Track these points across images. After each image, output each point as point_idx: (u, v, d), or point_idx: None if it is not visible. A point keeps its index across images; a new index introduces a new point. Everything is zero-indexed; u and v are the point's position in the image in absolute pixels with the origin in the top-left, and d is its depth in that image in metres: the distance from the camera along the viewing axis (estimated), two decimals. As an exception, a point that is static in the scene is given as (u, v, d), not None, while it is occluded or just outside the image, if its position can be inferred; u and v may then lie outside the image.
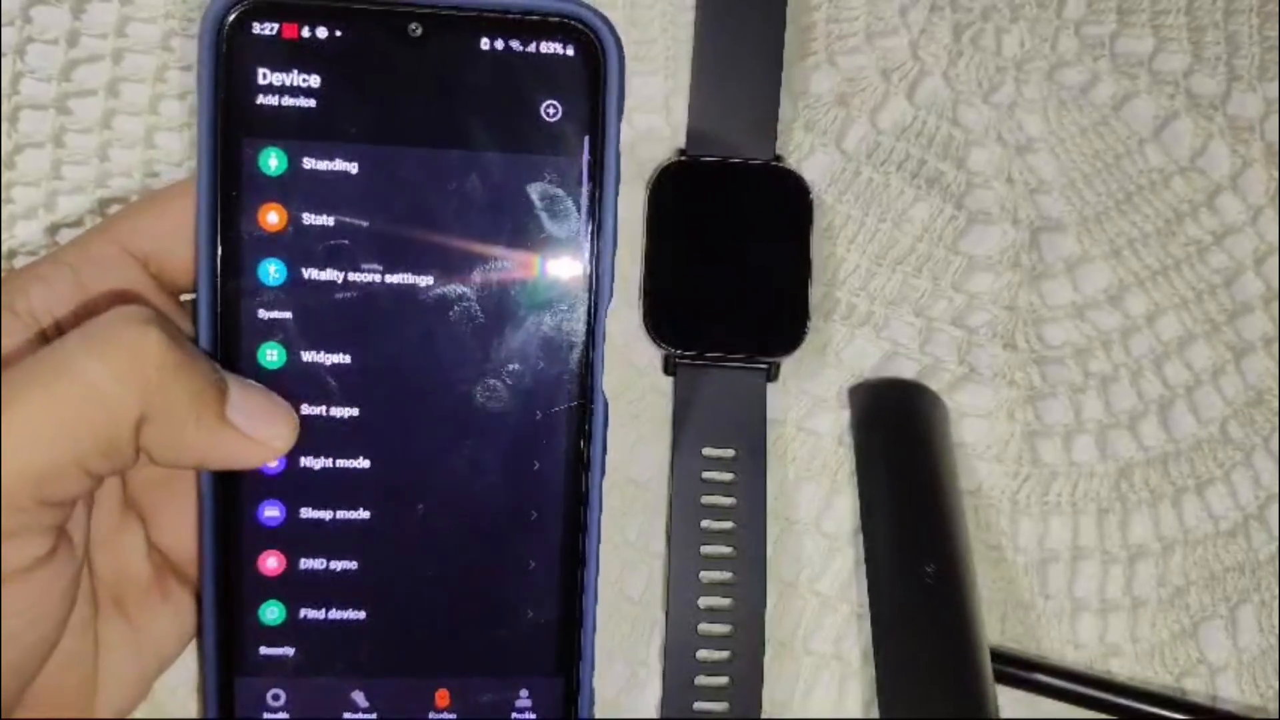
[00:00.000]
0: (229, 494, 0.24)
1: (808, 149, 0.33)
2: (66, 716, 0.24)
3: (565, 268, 0.24)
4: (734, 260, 0.31)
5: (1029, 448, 0.32)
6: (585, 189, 0.24)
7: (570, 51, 0.24)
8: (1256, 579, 0.32)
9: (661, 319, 0.31)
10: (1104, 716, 0.31)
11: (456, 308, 0.24)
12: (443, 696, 0.25)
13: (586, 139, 0.24)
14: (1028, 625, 0.32)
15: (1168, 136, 0.34)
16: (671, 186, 0.31)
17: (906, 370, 0.32)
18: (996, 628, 0.32)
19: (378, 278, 0.24)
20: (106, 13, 0.31)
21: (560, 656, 0.26)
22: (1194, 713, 0.31)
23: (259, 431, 0.22)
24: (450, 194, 0.24)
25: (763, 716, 0.30)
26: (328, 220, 0.23)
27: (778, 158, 0.32)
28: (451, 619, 0.25)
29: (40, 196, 0.31)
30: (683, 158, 0.32)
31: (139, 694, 0.25)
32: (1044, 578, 0.32)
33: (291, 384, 0.24)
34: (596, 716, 0.31)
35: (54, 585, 0.21)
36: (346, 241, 0.24)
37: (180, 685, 0.30)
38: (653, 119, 0.33)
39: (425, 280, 0.24)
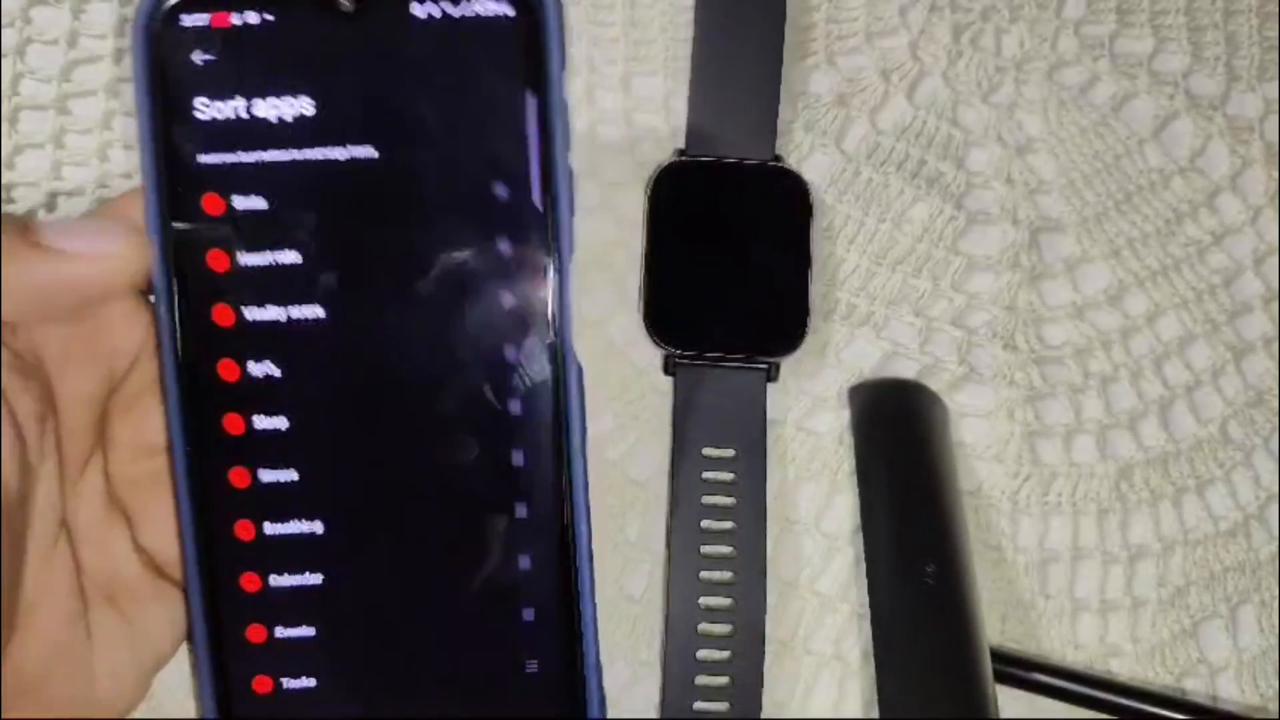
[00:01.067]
0: (206, 507, 0.24)
1: (807, 149, 0.33)
2: (67, 714, 0.24)
3: (521, 228, 0.23)
4: (734, 260, 0.31)
5: (1029, 448, 0.32)
6: (535, 147, 0.23)
7: (508, 11, 0.23)
8: (1257, 579, 0.32)
9: (661, 319, 0.31)
10: (1104, 717, 0.31)
11: (409, 283, 0.23)
12: (434, 702, 0.25)
13: (533, 100, 0.23)
14: (1028, 625, 0.32)
15: (1167, 137, 0.34)
16: (671, 187, 0.31)
17: (906, 370, 0.32)
18: (997, 628, 0.32)
19: (327, 258, 0.23)
20: (106, 13, 0.31)
21: (558, 655, 0.25)
22: (1194, 713, 0.31)
23: (86, 245, 0.21)
24: (395, 169, 0.23)
25: (763, 717, 0.30)
26: (274, 205, 0.23)
27: (777, 158, 0.32)
28: (435, 620, 0.25)
29: (40, 197, 0.31)
30: (682, 158, 0.32)
31: (139, 689, 0.25)
32: (1044, 578, 0.32)
33: (249, 387, 0.23)
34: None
35: None
36: (293, 225, 0.23)
37: (180, 686, 0.30)
38: (652, 119, 0.33)
39: (374, 258, 0.23)
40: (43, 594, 0.23)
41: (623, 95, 0.33)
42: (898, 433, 0.31)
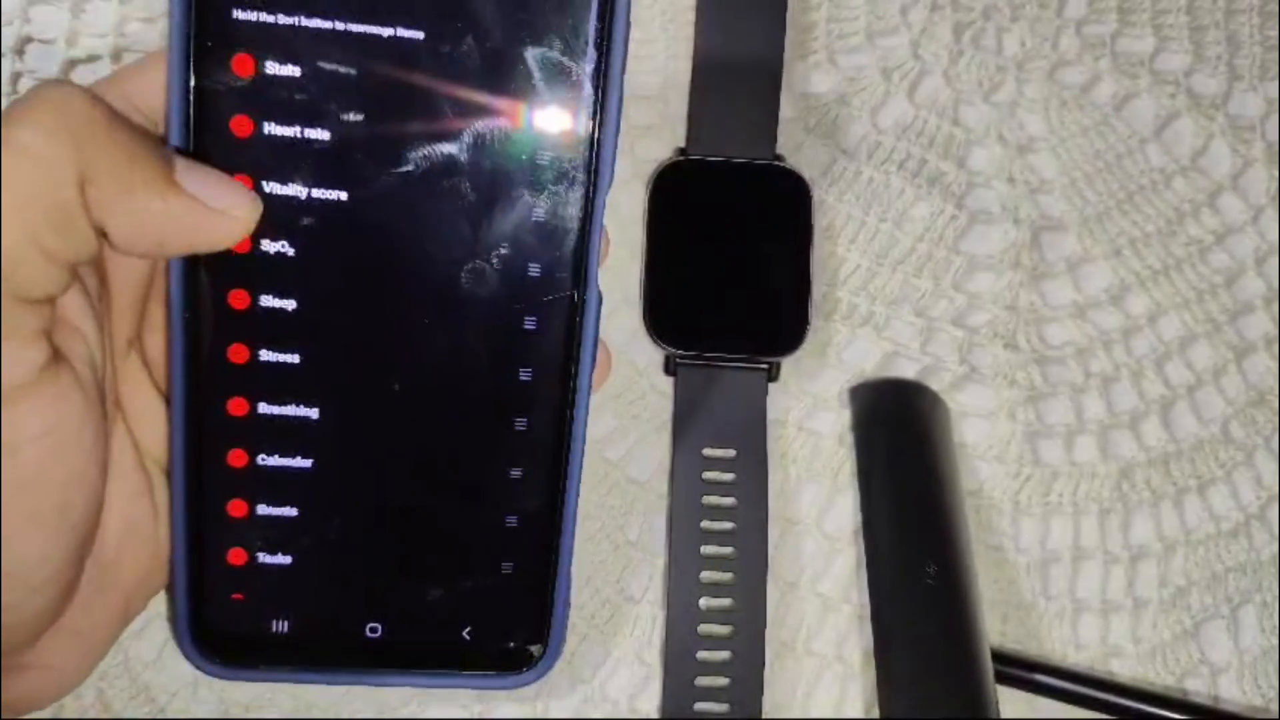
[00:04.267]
0: (198, 383, 0.23)
1: (808, 149, 0.33)
2: (137, 597, 0.24)
3: (564, 143, 0.23)
4: (734, 260, 0.31)
5: (1030, 448, 0.32)
6: (590, 58, 0.22)
7: None
8: (1258, 579, 0.32)
9: (662, 319, 0.31)
10: (1105, 717, 0.31)
11: (444, 182, 0.23)
12: (405, 594, 0.25)
13: (595, 14, 0.22)
14: (1029, 626, 0.32)
15: (1169, 136, 0.33)
16: (672, 186, 0.31)
17: (907, 370, 0.32)
18: (998, 628, 0.32)
19: (359, 145, 0.22)
20: (106, 13, 0.31)
21: (534, 562, 0.25)
22: (1195, 713, 0.31)
23: (216, 199, 0.21)
24: (441, 58, 0.22)
25: (764, 718, 0.30)
26: (306, 74, 0.22)
27: (778, 157, 0.32)
28: (422, 515, 0.25)
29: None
30: (683, 157, 0.32)
31: None
32: (1045, 578, 0.32)
33: (257, 263, 0.23)
34: (596, 716, 0.31)
35: (66, 406, 0.21)
36: (323, 99, 0.22)
37: (182, 688, 0.30)
38: (652, 118, 0.32)
39: (410, 152, 0.22)
40: (112, 472, 0.23)
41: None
42: (899, 433, 0.31)
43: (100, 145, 0.20)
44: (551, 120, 0.23)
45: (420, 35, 0.22)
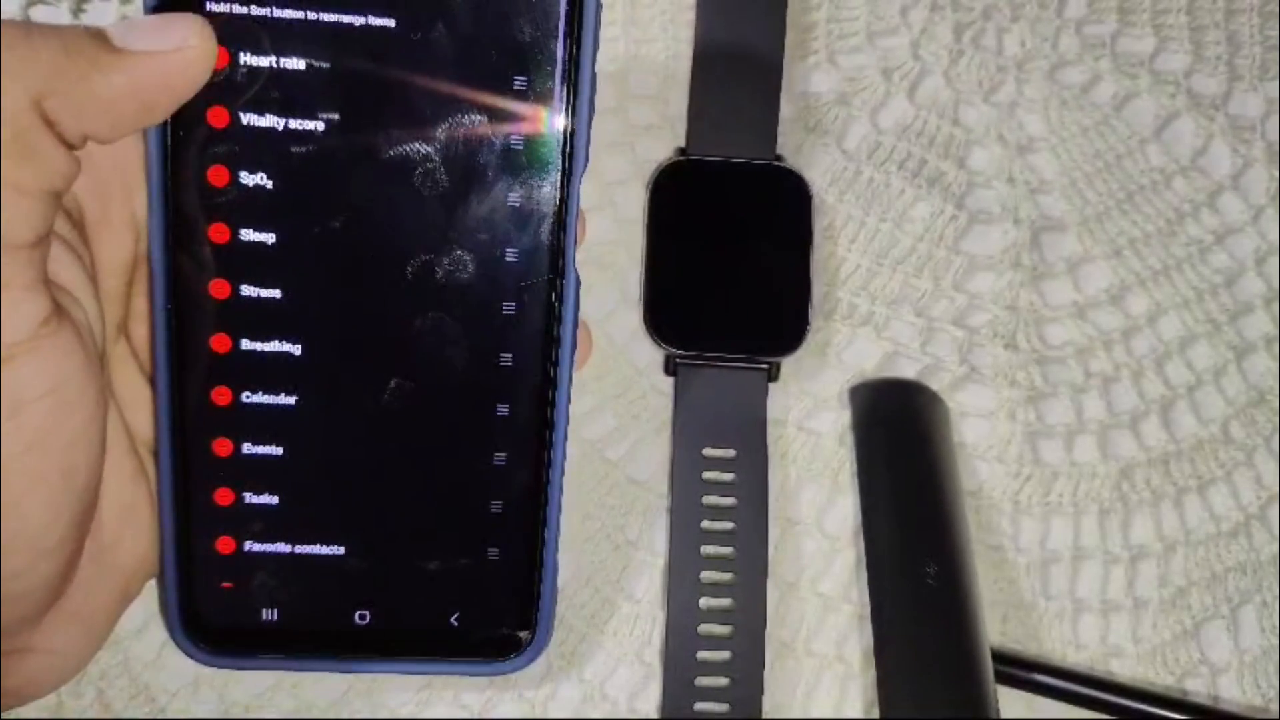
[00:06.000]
0: (182, 373, 0.23)
1: (808, 149, 0.33)
2: (134, 580, 0.24)
3: (538, 127, 0.23)
4: (735, 260, 0.31)
5: (1030, 448, 0.32)
6: (562, 40, 0.22)
7: None
8: (1258, 579, 0.32)
9: (662, 319, 0.31)
10: (1105, 717, 0.31)
11: (420, 169, 0.23)
12: (391, 583, 0.25)
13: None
14: (1029, 626, 0.32)
15: (1169, 136, 0.33)
16: (672, 186, 0.31)
17: (907, 370, 0.32)
18: (998, 628, 0.32)
19: (333, 135, 0.22)
20: (106, 13, 0.31)
21: (518, 547, 0.25)
22: (1195, 713, 0.31)
23: (165, 42, 0.20)
24: (413, 47, 0.22)
25: (764, 718, 0.30)
26: (279, 69, 0.22)
27: (778, 157, 0.32)
28: (407, 503, 0.25)
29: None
30: (683, 157, 0.32)
31: None
32: (1045, 578, 0.32)
33: (237, 253, 0.23)
34: (596, 716, 0.31)
35: (69, 364, 0.20)
36: (296, 86, 0.22)
37: (182, 688, 0.30)
38: (652, 118, 0.32)
39: (384, 141, 0.23)
40: (108, 454, 0.23)
41: (623, 94, 0.33)
42: (899, 433, 0.31)
43: (31, 57, 0.19)
44: (524, 105, 0.23)
45: (391, 24, 0.22)
